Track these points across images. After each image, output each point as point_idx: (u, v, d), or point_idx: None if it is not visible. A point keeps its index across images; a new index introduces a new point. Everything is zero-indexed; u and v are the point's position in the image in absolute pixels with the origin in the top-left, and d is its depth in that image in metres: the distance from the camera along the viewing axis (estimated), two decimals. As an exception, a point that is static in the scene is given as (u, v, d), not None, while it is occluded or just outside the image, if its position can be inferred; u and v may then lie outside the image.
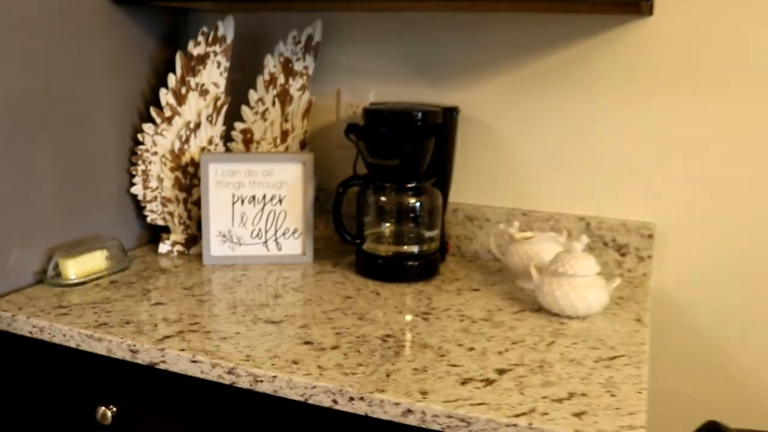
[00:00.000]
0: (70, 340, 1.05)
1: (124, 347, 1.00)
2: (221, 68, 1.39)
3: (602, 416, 0.82)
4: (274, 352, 0.97)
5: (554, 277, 1.12)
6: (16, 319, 1.08)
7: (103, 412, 1.05)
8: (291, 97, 1.45)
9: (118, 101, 1.36)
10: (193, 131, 1.39)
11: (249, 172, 1.36)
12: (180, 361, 0.97)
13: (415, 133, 1.23)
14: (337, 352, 0.97)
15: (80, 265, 1.23)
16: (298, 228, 1.38)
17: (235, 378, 0.93)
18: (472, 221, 1.44)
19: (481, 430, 0.81)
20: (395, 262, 1.30)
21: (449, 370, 0.92)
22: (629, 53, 1.30)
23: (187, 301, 1.16)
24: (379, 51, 1.47)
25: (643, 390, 0.89)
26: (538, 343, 1.02)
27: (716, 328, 1.32)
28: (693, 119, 1.28)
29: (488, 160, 1.43)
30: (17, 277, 1.19)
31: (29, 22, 1.15)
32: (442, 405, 0.83)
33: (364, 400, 0.86)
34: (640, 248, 1.33)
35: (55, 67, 1.21)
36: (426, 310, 1.14)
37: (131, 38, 1.37)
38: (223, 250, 1.37)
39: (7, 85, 1.13)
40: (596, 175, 1.36)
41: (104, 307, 1.13)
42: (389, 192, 1.30)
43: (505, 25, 1.37)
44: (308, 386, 0.89)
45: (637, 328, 1.09)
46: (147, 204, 1.41)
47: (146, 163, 1.39)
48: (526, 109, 1.38)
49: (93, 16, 1.27)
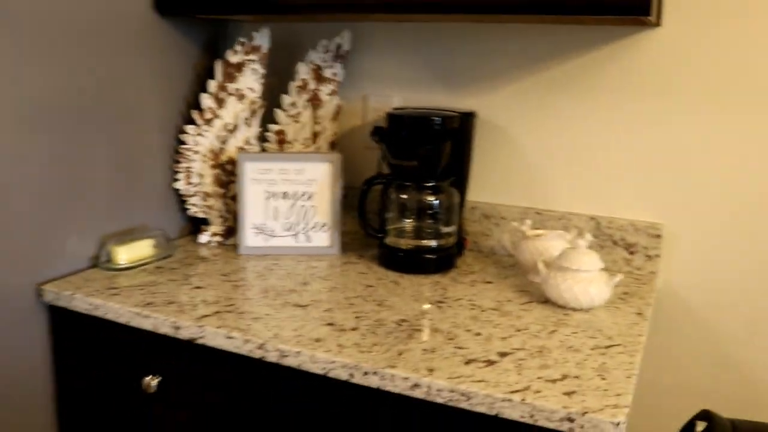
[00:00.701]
0: (120, 317, 1.17)
1: (167, 324, 1.13)
2: (257, 75, 1.51)
3: (590, 396, 0.91)
4: (300, 331, 1.08)
5: (560, 272, 1.20)
6: (75, 298, 1.22)
7: (148, 381, 1.18)
8: (321, 101, 1.56)
9: (164, 104, 1.49)
10: (231, 132, 1.51)
11: (281, 170, 1.48)
12: (216, 337, 1.09)
13: (432, 137, 1.33)
14: (355, 333, 1.08)
15: (129, 252, 1.37)
16: (326, 222, 1.50)
17: (264, 353, 1.05)
18: (489, 219, 1.53)
19: (479, 403, 0.91)
20: (415, 255, 1.40)
21: (455, 352, 1.02)
22: (638, 61, 1.37)
23: (223, 285, 1.28)
24: (403, 59, 1.57)
25: (633, 375, 0.97)
26: (540, 331, 1.11)
27: (723, 325, 1.39)
28: (700, 124, 1.35)
29: (504, 162, 1.52)
30: (75, 261, 1.33)
31: (86, 34, 1.28)
32: (446, 381, 0.93)
33: (376, 375, 0.97)
34: (648, 247, 1.41)
35: (108, 73, 1.34)
36: (440, 299, 1.24)
37: (176, 47, 1.50)
38: (258, 242, 1.49)
39: (66, 90, 1.26)
40: (606, 177, 1.44)
41: (150, 289, 1.25)
42: (410, 190, 1.41)
43: (519, 35, 1.46)
44: (328, 361, 1.00)
45: (637, 321, 1.17)
46: (189, 198, 1.54)
47: (189, 161, 1.51)
48: (539, 114, 1.47)
49: (142, 28, 1.40)
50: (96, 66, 1.31)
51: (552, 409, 0.88)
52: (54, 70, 1.23)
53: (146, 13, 1.41)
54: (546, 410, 0.88)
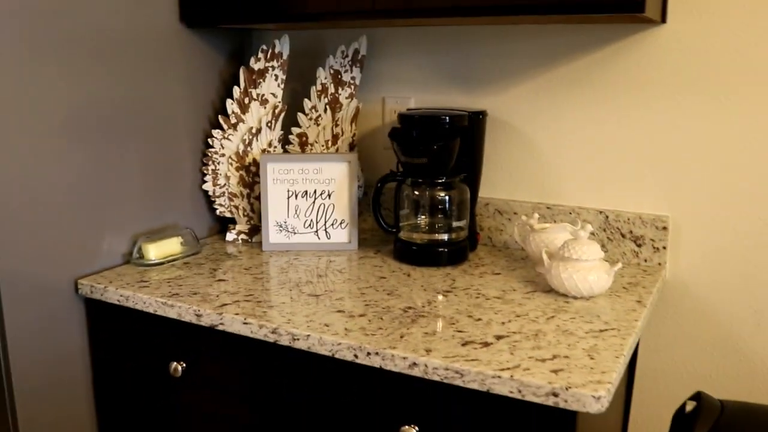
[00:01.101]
0: (148, 306, 1.27)
1: (190, 312, 1.22)
2: (279, 80, 1.60)
3: (576, 373, 0.96)
4: (311, 317, 1.16)
5: (561, 261, 1.25)
6: (107, 290, 1.32)
7: (175, 366, 1.27)
8: (340, 104, 1.64)
9: (192, 110, 1.59)
10: (255, 135, 1.61)
11: (302, 170, 1.56)
12: (234, 323, 1.17)
13: (441, 135, 1.39)
14: (363, 318, 1.15)
15: (159, 249, 1.46)
16: (345, 219, 1.57)
17: (278, 336, 1.13)
18: (502, 214, 1.59)
19: (472, 380, 0.97)
20: (428, 248, 1.46)
21: (454, 335, 1.08)
22: (644, 58, 1.41)
23: (245, 278, 1.37)
24: (418, 62, 1.64)
25: (622, 356, 1.02)
26: (539, 317, 1.16)
27: (730, 314, 1.41)
28: (704, 119, 1.38)
29: (516, 159, 1.57)
30: (109, 258, 1.43)
31: (119, 47, 1.39)
32: (441, 359, 1.00)
33: (378, 355, 1.04)
34: (655, 239, 1.44)
35: (140, 83, 1.45)
36: (448, 288, 1.30)
37: (202, 56, 1.60)
38: (280, 238, 1.58)
39: (101, 100, 1.37)
40: (614, 171, 1.48)
41: (177, 282, 1.35)
42: (422, 187, 1.47)
43: (529, 36, 1.51)
44: (335, 343, 1.07)
45: (636, 308, 1.21)
46: (216, 199, 1.64)
47: (215, 164, 1.61)
48: (549, 112, 1.52)
49: (170, 38, 1.51)
50: (128, 77, 1.42)
51: (538, 385, 0.93)
52: (90, 83, 1.34)
53: (173, 26, 1.51)
54: (532, 386, 0.93)
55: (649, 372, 1.50)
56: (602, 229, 1.49)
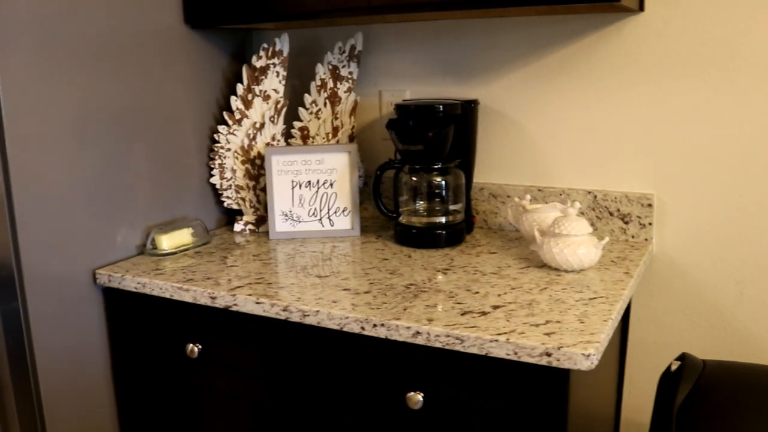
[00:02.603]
0: (165, 291, 1.35)
1: (205, 295, 1.30)
2: (280, 77, 1.68)
3: (567, 335, 1.04)
4: (319, 295, 1.24)
5: (552, 237, 1.33)
6: (125, 278, 1.40)
7: (191, 348, 1.35)
8: (339, 98, 1.72)
9: (197, 108, 1.67)
10: (259, 130, 1.68)
11: (304, 161, 1.64)
12: (247, 303, 1.25)
13: (435, 123, 1.47)
14: (368, 295, 1.23)
15: (171, 240, 1.54)
16: (347, 207, 1.65)
17: (289, 314, 1.21)
18: (496, 198, 1.67)
19: (471, 345, 1.05)
20: (427, 231, 1.54)
21: (454, 306, 1.16)
22: (625, 45, 1.49)
23: (254, 264, 1.45)
24: (413, 56, 1.72)
25: (609, 320, 1.10)
26: (532, 289, 1.24)
27: (714, 286, 1.50)
28: (684, 100, 1.46)
29: (508, 145, 1.65)
30: (124, 250, 1.51)
31: (126, 50, 1.47)
32: (442, 327, 1.07)
33: (384, 326, 1.12)
34: (641, 216, 1.52)
35: (147, 83, 1.52)
36: (447, 267, 1.38)
37: (206, 56, 1.68)
38: (286, 227, 1.65)
39: (111, 100, 1.45)
40: (600, 153, 1.56)
41: (191, 269, 1.43)
42: (419, 173, 1.55)
43: (516, 28, 1.59)
44: (343, 317, 1.15)
45: (623, 278, 1.29)
46: (223, 191, 1.71)
47: (222, 158, 1.69)
48: (537, 99, 1.60)
49: (175, 40, 1.58)
50: (136, 78, 1.50)
51: (532, 346, 1.01)
52: (100, 83, 1.42)
53: (178, 27, 1.59)
54: (527, 347, 1.01)
55: (639, 341, 1.58)
56: (591, 209, 1.57)
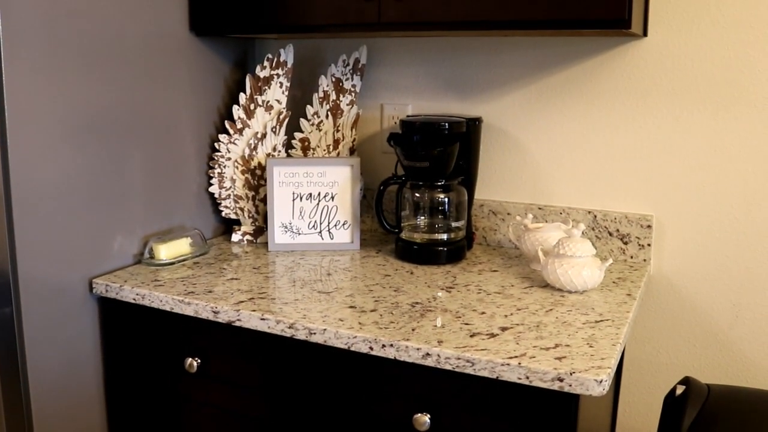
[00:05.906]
0: (165, 304, 1.33)
1: (208, 309, 1.28)
2: (283, 87, 1.67)
3: (578, 359, 1.04)
4: (325, 313, 1.23)
5: (557, 258, 1.34)
6: (123, 289, 1.38)
7: (190, 362, 1.33)
8: (342, 111, 1.71)
9: (199, 116, 1.65)
10: (260, 140, 1.67)
11: (306, 173, 1.63)
12: (251, 319, 1.23)
13: (442, 140, 1.47)
14: (374, 313, 1.23)
15: (170, 249, 1.52)
16: (347, 220, 1.64)
17: (294, 331, 1.19)
18: (496, 215, 1.67)
19: (482, 368, 1.05)
20: (428, 247, 1.54)
21: (462, 327, 1.16)
22: (628, 68, 1.51)
23: (255, 277, 1.43)
24: (416, 71, 1.72)
25: (618, 344, 1.10)
26: (538, 310, 1.25)
27: (711, 306, 1.51)
28: (684, 124, 1.48)
29: (509, 163, 1.66)
30: (121, 258, 1.49)
31: (130, 55, 1.45)
32: (453, 350, 1.07)
33: (393, 347, 1.11)
34: (640, 237, 1.54)
35: (149, 89, 1.50)
36: (450, 285, 1.38)
37: (208, 63, 1.66)
38: (285, 239, 1.64)
39: (111, 106, 1.42)
40: (602, 174, 1.57)
41: (190, 280, 1.41)
42: (422, 189, 1.55)
43: (520, 46, 1.60)
44: (350, 337, 1.15)
45: (626, 300, 1.30)
46: (222, 201, 1.70)
47: (221, 167, 1.67)
48: (540, 119, 1.61)
49: (178, 47, 1.57)
50: (138, 83, 1.48)
51: (545, 371, 1.01)
52: (101, 88, 1.39)
53: (183, 34, 1.57)
54: (539, 372, 1.01)
55: (635, 361, 1.59)
56: (591, 228, 1.58)
